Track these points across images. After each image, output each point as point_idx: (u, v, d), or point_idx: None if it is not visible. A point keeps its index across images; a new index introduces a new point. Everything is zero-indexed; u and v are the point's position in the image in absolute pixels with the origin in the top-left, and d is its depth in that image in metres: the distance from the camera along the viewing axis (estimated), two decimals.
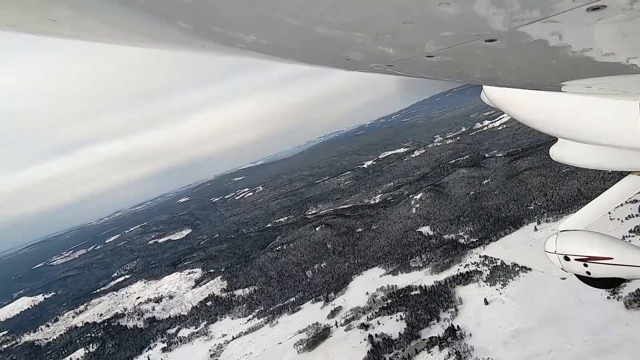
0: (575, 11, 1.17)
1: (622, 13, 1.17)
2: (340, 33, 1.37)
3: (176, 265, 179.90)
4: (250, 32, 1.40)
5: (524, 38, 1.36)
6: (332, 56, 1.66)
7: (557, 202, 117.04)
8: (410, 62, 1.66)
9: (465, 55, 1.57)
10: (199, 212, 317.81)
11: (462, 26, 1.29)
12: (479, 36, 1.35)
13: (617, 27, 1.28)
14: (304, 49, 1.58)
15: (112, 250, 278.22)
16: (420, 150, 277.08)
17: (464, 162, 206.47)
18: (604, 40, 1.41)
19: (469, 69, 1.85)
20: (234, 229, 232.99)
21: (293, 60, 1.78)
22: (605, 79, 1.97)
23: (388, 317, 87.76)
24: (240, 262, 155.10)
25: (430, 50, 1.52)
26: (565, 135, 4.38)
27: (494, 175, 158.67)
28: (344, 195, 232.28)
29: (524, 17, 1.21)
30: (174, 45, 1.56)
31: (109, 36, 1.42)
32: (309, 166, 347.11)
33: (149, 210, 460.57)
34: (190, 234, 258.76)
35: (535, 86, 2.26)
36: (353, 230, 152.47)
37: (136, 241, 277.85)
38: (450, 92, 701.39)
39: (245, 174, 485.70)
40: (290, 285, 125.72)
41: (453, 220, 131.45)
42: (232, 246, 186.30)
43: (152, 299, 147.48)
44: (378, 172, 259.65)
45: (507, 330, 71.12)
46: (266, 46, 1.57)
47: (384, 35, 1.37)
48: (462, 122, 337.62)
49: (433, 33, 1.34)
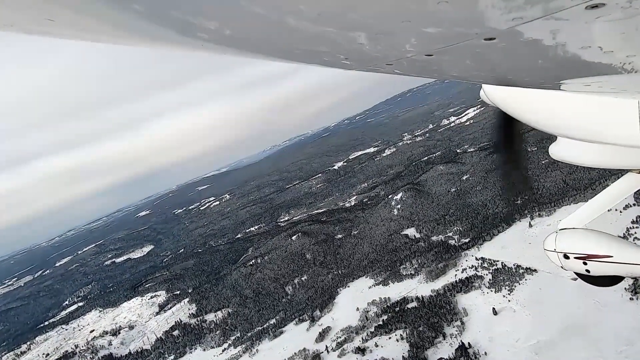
0: (574, 9, 1.17)
1: (621, 11, 1.17)
2: (338, 32, 1.37)
3: (136, 289, 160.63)
4: (248, 32, 1.39)
5: (522, 36, 1.36)
6: (330, 56, 1.65)
7: (545, 195, 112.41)
8: (409, 61, 1.66)
9: (464, 54, 1.57)
10: (160, 225, 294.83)
11: (460, 24, 1.29)
12: (478, 34, 1.35)
13: (616, 25, 1.28)
14: (302, 48, 1.58)
15: (62, 274, 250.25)
16: (391, 149, 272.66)
17: (438, 158, 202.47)
18: (603, 39, 1.42)
19: (468, 68, 1.83)
20: (200, 242, 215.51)
21: (291, 60, 1.76)
22: (604, 78, 1.97)
23: (386, 337, 77.28)
24: (210, 281, 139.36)
25: (428, 49, 1.51)
26: (565, 133, 4.37)
27: (473, 171, 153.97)
28: (317, 199, 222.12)
29: (522, 15, 1.21)
30: (173, 45, 1.55)
31: (108, 36, 1.41)
32: (277, 171, 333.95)
33: (106, 226, 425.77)
34: (152, 250, 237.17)
35: (534, 84, 2.24)
36: (332, 237, 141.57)
37: (91, 262, 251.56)
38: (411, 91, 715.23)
39: (209, 182, 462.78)
40: (268, 304, 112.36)
41: (439, 220, 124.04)
42: (200, 262, 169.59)
43: (109, 332, 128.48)
44: (350, 173, 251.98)
45: (526, 345, 62.66)
46: (263, 46, 1.57)
47: (382, 34, 1.36)
48: (428, 120, 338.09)
49: (432, 31, 1.33)
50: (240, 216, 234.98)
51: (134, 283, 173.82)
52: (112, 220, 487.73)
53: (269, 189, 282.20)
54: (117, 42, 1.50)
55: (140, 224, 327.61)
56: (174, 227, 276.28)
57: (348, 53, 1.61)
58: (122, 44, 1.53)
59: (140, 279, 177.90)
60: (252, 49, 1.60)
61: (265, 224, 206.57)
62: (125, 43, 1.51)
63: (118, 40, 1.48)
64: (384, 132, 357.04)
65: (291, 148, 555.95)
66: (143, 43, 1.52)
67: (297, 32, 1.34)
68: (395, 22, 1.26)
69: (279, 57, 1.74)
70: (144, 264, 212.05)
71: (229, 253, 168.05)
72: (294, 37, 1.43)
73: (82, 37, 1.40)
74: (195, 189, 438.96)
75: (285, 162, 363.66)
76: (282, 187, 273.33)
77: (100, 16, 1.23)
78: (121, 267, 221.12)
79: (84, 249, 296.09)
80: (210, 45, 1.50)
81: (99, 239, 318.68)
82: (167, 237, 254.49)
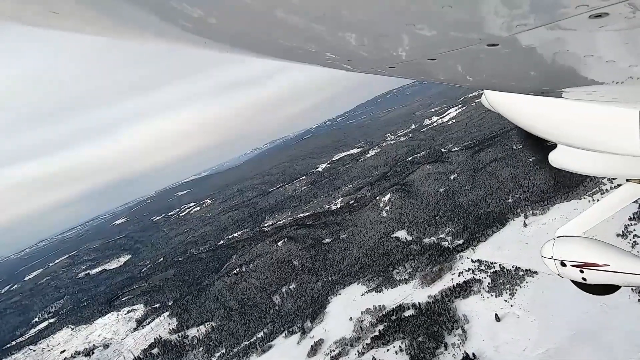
0: (577, 18, 1.17)
1: (625, 21, 1.17)
2: (342, 34, 1.37)
3: (112, 303, 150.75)
4: (252, 31, 1.39)
5: (525, 43, 1.36)
6: (334, 56, 1.66)
7: (536, 193, 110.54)
8: (411, 65, 1.67)
9: (466, 59, 1.57)
10: (138, 234, 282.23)
11: (464, 29, 1.29)
12: (481, 40, 1.35)
13: (619, 35, 1.28)
14: (306, 49, 1.57)
15: (32, 289, 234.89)
16: (375, 150, 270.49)
17: (423, 158, 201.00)
18: (606, 48, 1.42)
19: (470, 73, 1.85)
20: (181, 250, 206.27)
21: (295, 60, 1.77)
22: (606, 87, 1.98)
23: (384, 350, 72.41)
24: (192, 292, 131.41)
25: (431, 53, 1.52)
26: (565, 141, 4.41)
27: (460, 170, 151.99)
28: (302, 202, 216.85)
29: (526, 23, 1.21)
30: (176, 41, 1.54)
31: (112, 30, 1.40)
32: (259, 174, 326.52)
33: (79, 236, 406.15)
34: (129, 260, 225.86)
35: (536, 91, 2.24)
36: (320, 241, 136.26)
37: (63, 275, 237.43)
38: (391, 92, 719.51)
39: (189, 187, 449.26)
40: (255, 316, 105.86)
41: (430, 221, 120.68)
42: (181, 272, 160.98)
43: (82, 352, 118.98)
44: (334, 175, 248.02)
45: (535, 354, 58.94)
46: (268, 45, 1.57)
47: (386, 37, 1.37)
48: (410, 120, 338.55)
49: (435, 36, 1.34)
50: (222, 222, 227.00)
51: (109, 296, 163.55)
52: (87, 229, 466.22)
53: (251, 192, 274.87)
54: (120, 37, 1.49)
55: (116, 233, 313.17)
56: (152, 235, 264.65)
57: (351, 55, 1.61)
58: (125, 39, 1.51)
59: (116, 291, 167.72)
60: (255, 48, 1.60)
61: (249, 229, 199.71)
62: (128, 37, 1.50)
63: (121, 35, 1.46)
64: (366, 133, 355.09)
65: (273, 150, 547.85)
66: (146, 38, 1.51)
67: (301, 32, 1.35)
68: (399, 26, 1.27)
69: (281, 57, 1.74)
70: (121, 275, 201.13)
71: (212, 261, 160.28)
72: (297, 37, 1.44)
73: (86, 30, 1.38)
74: (175, 195, 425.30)
75: (267, 165, 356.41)
76: (265, 191, 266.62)
77: (105, 9, 1.22)
78: (96, 279, 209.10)
79: (56, 261, 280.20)
80: (213, 43, 1.50)
81: (72, 249, 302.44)
82: (145, 245, 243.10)
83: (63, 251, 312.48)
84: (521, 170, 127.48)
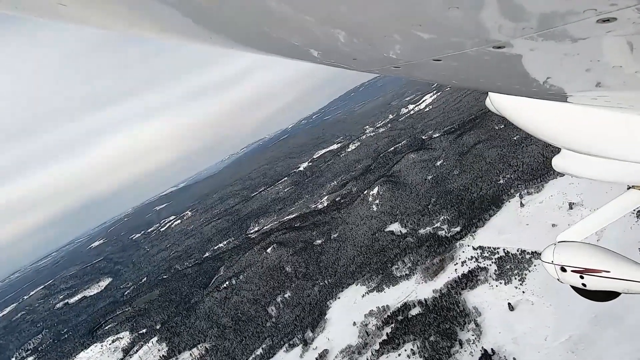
0: (584, 22, 1.16)
1: (633, 26, 1.17)
2: (348, 33, 1.38)
3: (95, 333, 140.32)
4: (258, 28, 1.40)
5: (532, 47, 1.36)
6: (339, 55, 1.66)
7: (527, 171, 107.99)
8: (416, 65, 1.68)
9: (472, 61, 1.58)
10: (117, 254, 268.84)
11: (470, 31, 1.29)
12: (487, 42, 1.35)
13: (627, 40, 1.27)
14: (312, 47, 1.59)
15: (6, 326, 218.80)
16: (355, 144, 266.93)
17: (405, 147, 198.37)
18: (612, 53, 1.41)
19: (475, 75, 1.85)
20: (164, 267, 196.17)
21: (301, 58, 1.78)
22: (612, 93, 1.97)
23: (395, 355, 67.40)
24: (180, 313, 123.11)
25: (437, 54, 1.52)
26: (569, 146, 4.42)
27: (446, 155, 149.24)
28: (287, 204, 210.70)
29: (533, 26, 1.21)
30: (184, 35, 1.54)
31: (119, 23, 1.41)
32: (239, 179, 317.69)
33: (55, 264, 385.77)
34: (110, 284, 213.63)
35: (541, 95, 2.22)
36: (311, 243, 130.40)
37: (39, 308, 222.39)
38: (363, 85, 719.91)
39: (168, 200, 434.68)
40: (251, 332, 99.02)
41: (423, 211, 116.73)
42: (166, 291, 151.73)
43: None
44: (317, 173, 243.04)
45: (557, 342, 55.11)
46: (273, 43, 1.57)
47: (392, 37, 1.38)
48: (386, 110, 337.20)
49: (441, 37, 1.34)
50: (205, 233, 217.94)
51: (91, 326, 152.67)
52: (62, 255, 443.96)
53: (233, 199, 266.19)
54: (128, 30, 1.48)
55: (94, 256, 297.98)
56: (132, 254, 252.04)
57: (356, 54, 1.62)
58: (132, 32, 1.51)
59: (98, 319, 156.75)
60: (260, 46, 1.61)
61: (235, 237, 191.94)
62: (136, 31, 1.49)
63: (129, 28, 1.46)
64: (344, 127, 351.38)
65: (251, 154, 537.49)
66: (154, 31, 1.51)
67: (307, 30, 1.36)
68: (406, 26, 1.27)
69: (287, 55, 1.74)
70: (102, 301, 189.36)
71: (199, 276, 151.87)
72: (303, 36, 1.44)
73: (94, 23, 1.39)
74: (153, 209, 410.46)
75: (247, 170, 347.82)
76: (247, 196, 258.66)
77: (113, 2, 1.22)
78: (75, 308, 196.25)
79: (31, 293, 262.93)
80: (218, 38, 1.50)
81: (48, 278, 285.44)
82: (125, 266, 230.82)
83: (38, 281, 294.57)
84: (507, 150, 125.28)
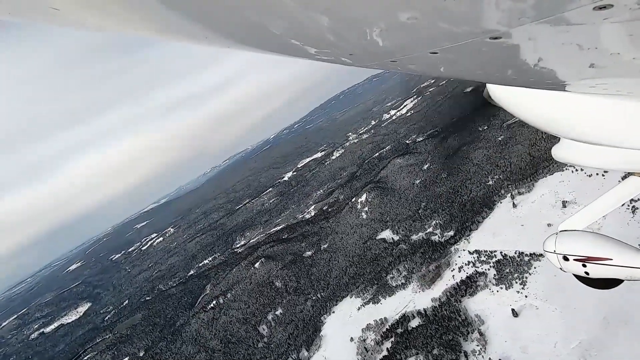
0: (581, 10, 1.15)
1: (629, 13, 1.16)
2: (345, 28, 1.37)
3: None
4: (255, 26, 1.38)
5: (528, 36, 1.35)
6: (336, 51, 1.64)
7: (515, 171, 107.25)
8: (413, 58, 1.66)
9: (469, 52, 1.56)
10: (97, 277, 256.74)
11: (467, 23, 1.28)
12: (484, 33, 1.34)
13: (624, 27, 1.26)
14: (309, 43, 1.57)
15: None
16: (339, 151, 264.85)
17: (390, 152, 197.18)
18: (610, 40, 1.40)
19: (472, 66, 1.84)
20: (147, 288, 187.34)
21: (298, 55, 1.76)
22: (610, 80, 1.96)
23: None
24: (165, 337, 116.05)
25: (434, 46, 1.51)
26: (569, 135, 4.43)
27: (432, 159, 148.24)
28: (273, 215, 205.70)
29: (529, 15, 1.20)
30: (180, 35, 1.53)
31: (113, 25, 1.39)
32: (223, 192, 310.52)
33: (29, 290, 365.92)
34: (89, 309, 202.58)
35: (539, 85, 2.21)
36: (300, 255, 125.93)
37: (12, 340, 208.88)
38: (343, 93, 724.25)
39: (149, 217, 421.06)
40: (242, 354, 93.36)
41: (413, 217, 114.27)
42: (150, 314, 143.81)
43: None
44: (302, 182, 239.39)
45: (569, 348, 52.51)
46: (270, 41, 1.56)
47: (388, 30, 1.36)
48: (368, 117, 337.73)
49: (438, 29, 1.32)
50: (189, 250, 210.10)
51: (69, 357, 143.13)
52: (37, 281, 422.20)
53: (217, 213, 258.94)
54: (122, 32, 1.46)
55: (71, 280, 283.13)
56: (112, 276, 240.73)
57: (353, 49, 1.60)
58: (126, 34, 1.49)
59: (76, 349, 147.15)
60: (257, 43, 1.60)
61: (220, 253, 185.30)
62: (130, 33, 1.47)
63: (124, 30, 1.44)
64: (327, 135, 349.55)
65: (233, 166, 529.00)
66: (150, 32, 1.50)
67: (303, 26, 1.35)
68: (402, 19, 1.26)
69: (283, 52, 1.74)
70: (81, 328, 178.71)
71: (184, 296, 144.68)
72: (300, 32, 1.43)
73: (88, 26, 1.37)
74: (134, 227, 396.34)
75: (230, 182, 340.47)
76: (231, 209, 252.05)
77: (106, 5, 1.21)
78: (52, 337, 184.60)
79: (3, 324, 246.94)
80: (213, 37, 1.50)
81: (22, 307, 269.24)
82: (105, 289, 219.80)
83: (10, 311, 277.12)
84: (494, 150, 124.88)
